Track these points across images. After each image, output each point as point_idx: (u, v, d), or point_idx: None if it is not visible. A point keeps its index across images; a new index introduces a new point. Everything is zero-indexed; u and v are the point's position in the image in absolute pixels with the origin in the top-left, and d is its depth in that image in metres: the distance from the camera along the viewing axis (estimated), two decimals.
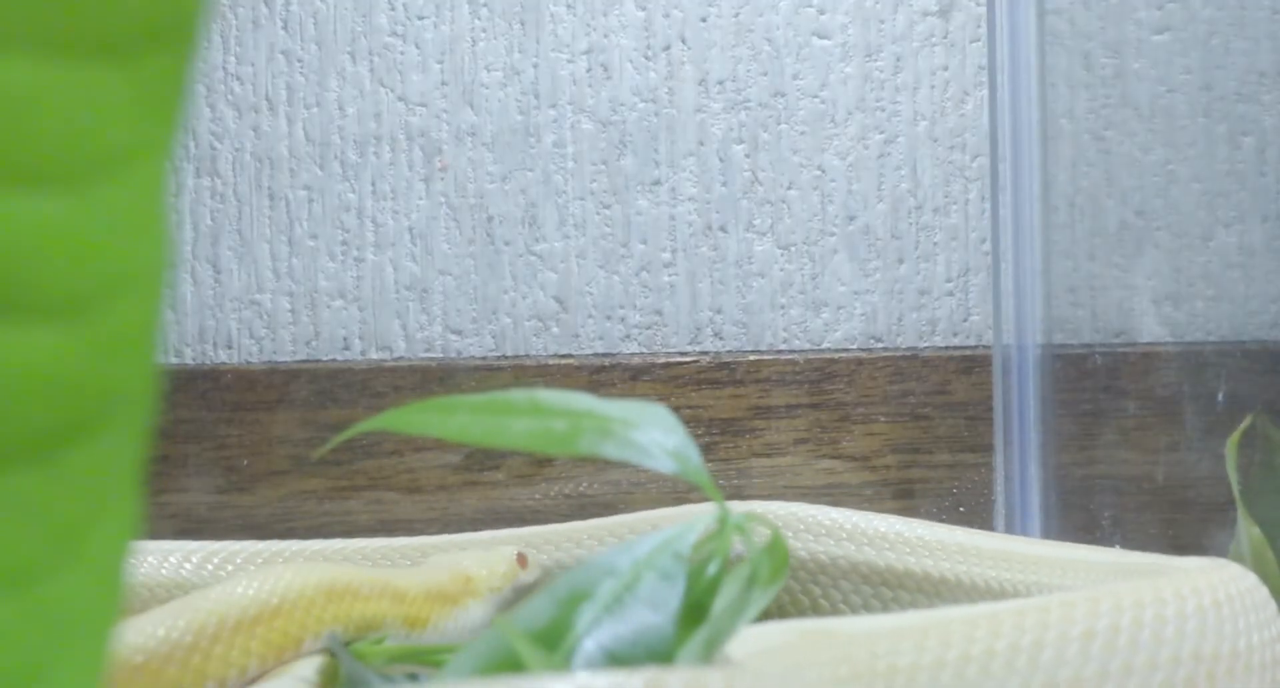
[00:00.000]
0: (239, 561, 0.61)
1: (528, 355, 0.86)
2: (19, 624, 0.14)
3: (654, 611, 0.29)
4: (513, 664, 0.29)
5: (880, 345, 0.86)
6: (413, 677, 0.45)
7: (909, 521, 0.61)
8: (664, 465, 0.30)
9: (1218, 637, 0.37)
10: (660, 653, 0.29)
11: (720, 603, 0.30)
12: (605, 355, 0.86)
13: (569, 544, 0.64)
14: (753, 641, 0.34)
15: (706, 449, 0.84)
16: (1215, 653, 0.36)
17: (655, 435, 0.30)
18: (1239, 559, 0.57)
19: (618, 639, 0.29)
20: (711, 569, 0.30)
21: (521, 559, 0.59)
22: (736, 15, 0.87)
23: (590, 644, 0.29)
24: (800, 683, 0.32)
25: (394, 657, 0.45)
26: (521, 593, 0.59)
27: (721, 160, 0.86)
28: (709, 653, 0.29)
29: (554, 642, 0.29)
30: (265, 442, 0.84)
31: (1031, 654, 0.34)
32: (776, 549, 0.30)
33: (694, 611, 0.30)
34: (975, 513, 0.83)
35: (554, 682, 0.24)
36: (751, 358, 0.85)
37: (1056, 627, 0.34)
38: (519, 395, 0.30)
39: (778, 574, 0.30)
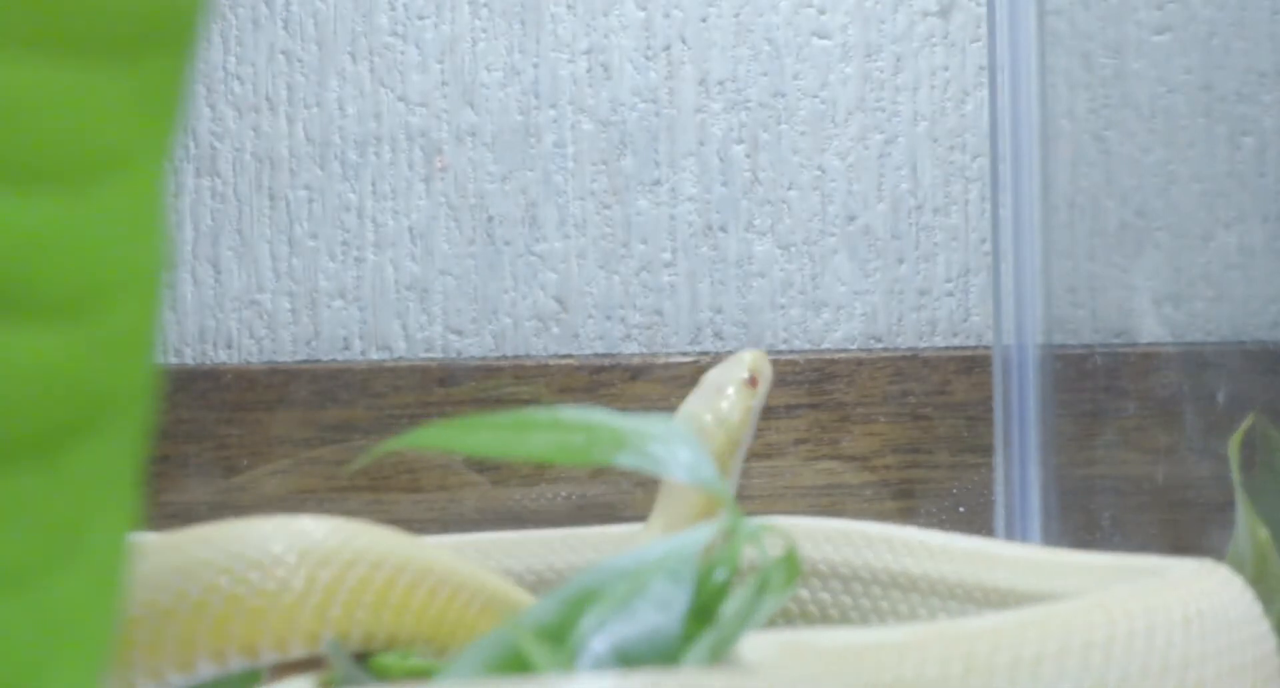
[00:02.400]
0: None
1: (528, 356, 0.86)
2: (18, 623, 0.14)
3: (662, 611, 0.29)
4: (520, 664, 0.29)
5: (880, 346, 0.86)
6: None
7: (904, 527, 0.62)
8: (679, 476, 0.30)
9: (1216, 642, 0.37)
10: (667, 654, 0.29)
11: (730, 608, 0.30)
12: (605, 355, 0.86)
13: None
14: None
15: None
16: (1211, 655, 0.37)
17: (671, 447, 0.31)
18: (1237, 559, 0.57)
19: (625, 639, 0.29)
20: (719, 576, 0.31)
21: (752, 381, 0.60)
22: (737, 15, 0.87)
23: (598, 643, 0.29)
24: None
25: (415, 672, 0.44)
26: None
27: (721, 160, 0.87)
28: (716, 656, 0.30)
29: (560, 641, 0.29)
30: (265, 442, 0.84)
31: (1032, 668, 0.34)
32: (790, 560, 0.30)
33: (701, 615, 0.30)
34: (975, 514, 0.83)
35: (561, 682, 0.24)
36: None
37: (1058, 638, 0.34)
38: (541, 413, 0.31)
39: (789, 583, 0.30)
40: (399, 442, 0.33)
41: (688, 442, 0.31)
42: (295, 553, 0.40)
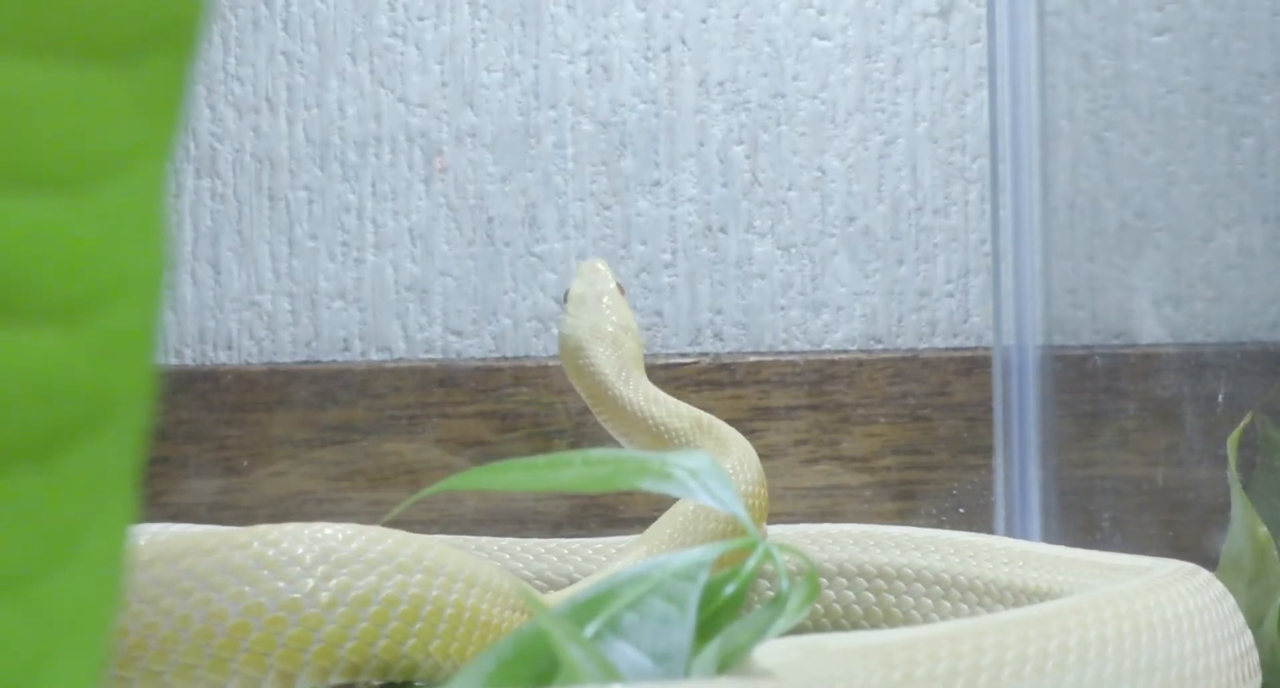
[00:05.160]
0: None
1: (528, 357, 0.86)
2: (15, 625, 0.14)
3: (673, 617, 0.30)
4: (529, 670, 0.29)
5: (880, 347, 0.86)
6: None
7: (908, 528, 0.63)
8: (701, 497, 0.31)
9: (1196, 642, 0.38)
10: (677, 659, 0.29)
11: (745, 618, 0.31)
12: None
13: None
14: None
15: None
16: (1191, 655, 0.38)
17: (693, 473, 0.31)
18: (1234, 558, 0.57)
19: (636, 643, 0.29)
20: (729, 590, 0.31)
21: (620, 288, 0.66)
22: (736, 16, 0.87)
23: (607, 647, 0.29)
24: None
25: None
26: None
27: (721, 161, 0.87)
28: (728, 663, 0.30)
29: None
30: (265, 443, 0.84)
31: (1017, 668, 0.34)
32: (810, 577, 0.31)
33: (709, 626, 0.31)
34: (975, 514, 0.83)
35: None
36: (751, 359, 0.85)
37: (1036, 643, 0.35)
38: (572, 454, 0.32)
39: (808, 599, 0.31)
40: (443, 486, 0.33)
41: (708, 466, 0.32)
42: (318, 558, 0.38)
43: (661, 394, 0.63)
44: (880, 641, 0.34)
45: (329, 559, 0.39)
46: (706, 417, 0.63)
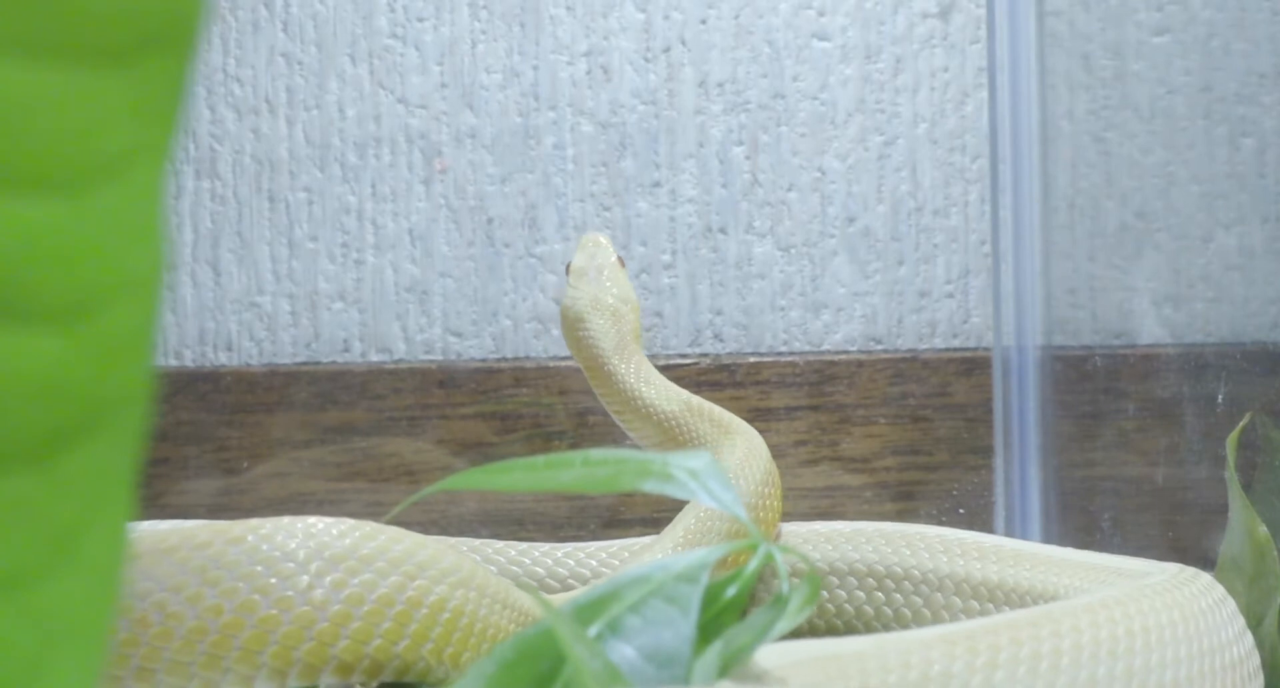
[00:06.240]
0: None
1: (528, 358, 0.86)
2: (15, 626, 0.14)
3: (676, 618, 0.30)
4: (533, 673, 0.29)
5: (880, 347, 0.86)
6: None
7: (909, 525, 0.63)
8: (702, 499, 0.31)
9: (1197, 645, 0.39)
10: (679, 660, 0.29)
11: (747, 620, 0.31)
12: None
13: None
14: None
15: None
16: (1192, 657, 0.39)
17: (694, 474, 0.31)
18: (1232, 558, 0.57)
19: (638, 643, 0.29)
20: (730, 592, 0.31)
21: (620, 261, 0.66)
22: (736, 17, 0.87)
23: (611, 642, 0.29)
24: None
25: None
26: None
27: (721, 162, 0.87)
28: (729, 666, 0.30)
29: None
30: (265, 444, 0.84)
31: (1027, 666, 0.35)
32: (811, 579, 0.31)
33: (711, 628, 0.31)
34: (975, 515, 0.83)
35: None
36: (751, 360, 0.85)
37: (1051, 640, 0.35)
38: (572, 454, 0.32)
39: (809, 600, 0.31)
40: (443, 485, 0.33)
41: (710, 468, 0.32)
42: (311, 554, 0.38)
43: (655, 375, 0.63)
44: (892, 642, 0.34)
45: (322, 556, 0.38)
46: (699, 401, 0.63)
